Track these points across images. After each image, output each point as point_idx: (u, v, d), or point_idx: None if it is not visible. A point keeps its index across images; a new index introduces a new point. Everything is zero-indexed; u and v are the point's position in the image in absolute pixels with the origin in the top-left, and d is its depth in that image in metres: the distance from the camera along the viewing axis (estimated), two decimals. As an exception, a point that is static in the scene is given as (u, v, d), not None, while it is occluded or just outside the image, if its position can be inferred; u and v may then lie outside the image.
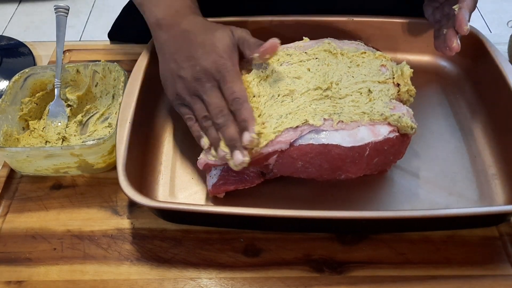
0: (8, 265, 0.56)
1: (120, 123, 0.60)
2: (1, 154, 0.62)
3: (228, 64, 0.58)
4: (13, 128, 0.66)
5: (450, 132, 0.68)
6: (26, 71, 0.69)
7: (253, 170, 0.60)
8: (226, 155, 0.55)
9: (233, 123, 0.56)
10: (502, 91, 0.66)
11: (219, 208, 0.56)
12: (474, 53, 0.73)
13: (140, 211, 0.61)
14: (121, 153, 0.57)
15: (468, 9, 0.62)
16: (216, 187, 0.60)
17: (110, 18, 0.93)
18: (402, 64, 0.62)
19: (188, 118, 0.60)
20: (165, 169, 0.64)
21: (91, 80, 0.72)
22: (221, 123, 0.56)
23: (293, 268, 0.55)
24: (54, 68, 0.70)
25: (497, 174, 0.63)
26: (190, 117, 0.60)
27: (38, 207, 0.62)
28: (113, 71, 0.70)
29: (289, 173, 0.59)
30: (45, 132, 0.69)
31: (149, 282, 0.55)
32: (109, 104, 0.72)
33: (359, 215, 0.54)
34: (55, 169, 0.63)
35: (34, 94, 0.70)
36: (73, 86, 0.73)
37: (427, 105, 0.72)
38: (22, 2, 2.39)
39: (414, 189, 0.62)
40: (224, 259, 0.56)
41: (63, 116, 0.71)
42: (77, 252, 0.57)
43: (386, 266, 0.56)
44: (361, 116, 0.56)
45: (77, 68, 0.72)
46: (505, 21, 0.86)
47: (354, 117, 0.56)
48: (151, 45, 0.71)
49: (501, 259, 0.56)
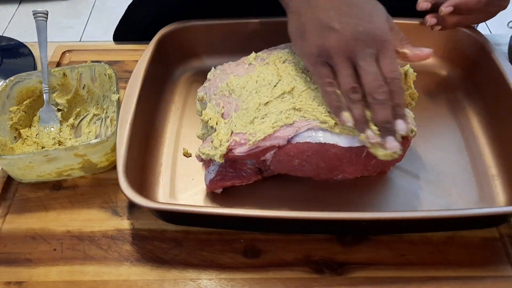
0: (8, 265, 0.56)
1: (120, 124, 0.60)
2: (1, 163, 0.62)
3: (390, 37, 0.52)
4: (6, 138, 0.65)
5: (450, 133, 0.68)
6: (11, 79, 0.68)
7: (250, 166, 0.60)
8: (377, 139, 0.50)
9: (390, 105, 0.50)
10: (503, 92, 0.66)
11: (219, 210, 0.56)
12: (474, 53, 0.73)
13: (140, 212, 0.61)
14: (121, 154, 0.57)
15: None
16: (213, 182, 0.60)
17: (110, 19, 0.93)
18: (406, 67, 0.62)
19: (328, 83, 0.52)
20: (165, 170, 0.64)
21: (78, 82, 0.71)
22: (380, 100, 0.49)
23: (293, 269, 0.55)
24: (40, 74, 0.69)
25: (497, 175, 0.63)
26: (331, 82, 0.52)
27: (38, 208, 0.62)
28: (101, 70, 0.70)
29: (286, 170, 0.59)
30: (39, 139, 0.68)
31: (149, 283, 0.55)
32: (101, 104, 0.71)
33: (359, 216, 0.54)
34: (58, 172, 0.63)
35: (22, 102, 0.69)
36: (60, 91, 0.72)
37: (427, 105, 0.72)
38: (22, 2, 2.39)
39: (414, 190, 0.62)
40: (224, 260, 0.56)
41: (55, 121, 0.70)
42: (77, 253, 0.57)
43: (386, 267, 0.55)
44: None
45: (63, 71, 0.71)
46: (505, 22, 0.86)
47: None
48: (152, 45, 0.71)
49: (501, 260, 0.56)
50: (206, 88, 0.65)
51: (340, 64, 0.51)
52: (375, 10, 0.53)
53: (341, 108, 0.52)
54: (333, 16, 0.52)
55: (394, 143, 0.50)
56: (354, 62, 0.51)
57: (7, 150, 0.65)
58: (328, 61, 0.52)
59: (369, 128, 0.51)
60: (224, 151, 0.56)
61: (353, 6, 0.52)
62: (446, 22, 0.70)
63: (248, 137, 0.56)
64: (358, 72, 0.51)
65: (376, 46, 0.51)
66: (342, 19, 0.51)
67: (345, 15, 0.51)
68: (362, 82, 0.51)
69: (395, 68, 0.51)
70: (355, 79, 0.51)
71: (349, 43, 0.51)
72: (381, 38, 0.51)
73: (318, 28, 0.52)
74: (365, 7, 0.53)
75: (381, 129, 0.50)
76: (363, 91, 0.51)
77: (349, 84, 0.51)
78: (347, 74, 0.51)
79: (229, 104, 0.60)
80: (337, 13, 0.52)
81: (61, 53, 0.81)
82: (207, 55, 0.78)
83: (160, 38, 0.73)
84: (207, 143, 0.59)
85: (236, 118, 0.58)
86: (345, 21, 0.51)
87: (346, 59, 0.51)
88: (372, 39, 0.51)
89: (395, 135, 0.50)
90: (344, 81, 0.51)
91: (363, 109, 0.51)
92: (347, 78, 0.51)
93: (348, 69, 0.51)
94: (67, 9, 2.36)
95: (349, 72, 0.51)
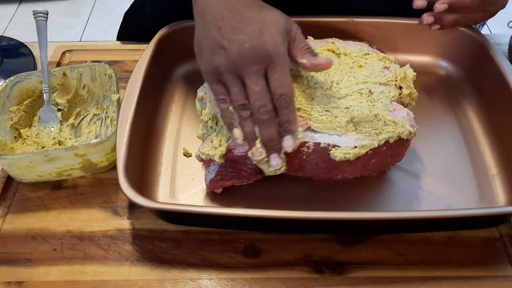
0: (8, 265, 0.56)
1: (121, 124, 0.60)
2: (1, 163, 0.62)
3: (282, 51, 0.51)
4: (6, 137, 0.66)
5: (450, 133, 0.68)
6: (11, 79, 0.68)
7: (250, 166, 0.60)
8: (262, 157, 0.52)
9: (275, 123, 0.51)
10: (503, 91, 0.66)
11: (219, 209, 0.56)
12: (474, 53, 0.73)
13: (140, 211, 0.61)
14: (122, 154, 0.57)
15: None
16: (213, 182, 0.60)
17: (110, 19, 0.93)
18: (406, 67, 0.62)
19: (222, 100, 0.53)
20: (166, 170, 0.64)
21: (78, 82, 0.71)
22: (263, 120, 0.50)
23: (293, 269, 0.55)
24: (40, 74, 0.69)
25: (497, 175, 0.63)
26: (224, 99, 0.53)
27: (38, 208, 0.62)
28: (101, 70, 0.70)
29: (286, 171, 0.59)
30: (40, 139, 0.68)
31: (149, 282, 0.55)
32: (101, 104, 0.71)
33: (360, 216, 0.54)
34: (58, 172, 0.63)
35: (22, 102, 0.69)
36: (60, 90, 0.72)
37: (428, 105, 0.72)
38: (23, 2, 2.39)
39: (414, 190, 0.62)
40: (224, 260, 0.56)
41: (55, 121, 0.70)
42: (77, 253, 0.57)
43: (386, 267, 0.55)
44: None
45: (63, 71, 0.71)
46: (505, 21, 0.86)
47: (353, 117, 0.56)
48: (152, 45, 0.71)
49: (502, 260, 0.56)
50: (206, 88, 0.65)
51: (230, 82, 0.52)
52: (268, 22, 0.52)
53: (233, 124, 0.53)
54: (223, 33, 0.51)
55: (277, 161, 0.51)
56: (242, 79, 0.51)
57: (7, 150, 0.65)
58: (220, 78, 0.52)
59: (254, 145, 0.52)
60: (224, 151, 0.56)
61: (243, 21, 0.51)
62: (443, 21, 0.70)
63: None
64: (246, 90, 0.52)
65: (263, 62, 0.50)
66: (230, 36, 0.51)
67: (234, 32, 0.51)
68: (249, 101, 0.51)
69: (283, 83, 0.50)
70: (245, 96, 0.51)
71: (235, 61, 0.51)
72: (269, 53, 0.50)
73: (209, 47, 0.52)
74: (257, 21, 0.52)
75: (265, 147, 0.51)
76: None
77: (238, 102, 0.51)
78: (236, 92, 0.51)
79: (229, 104, 0.60)
80: (227, 30, 0.51)
81: (61, 53, 0.81)
82: (207, 55, 0.78)
83: (160, 38, 0.73)
84: (207, 143, 0.59)
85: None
86: (232, 39, 0.51)
87: (235, 77, 0.51)
88: (258, 56, 0.50)
89: (279, 152, 0.51)
90: (234, 98, 0.52)
91: (252, 126, 0.52)
92: (236, 96, 0.51)
93: (237, 86, 0.51)
94: (67, 9, 2.36)
95: (238, 90, 0.51)
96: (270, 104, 0.51)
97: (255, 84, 0.50)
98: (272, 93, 0.51)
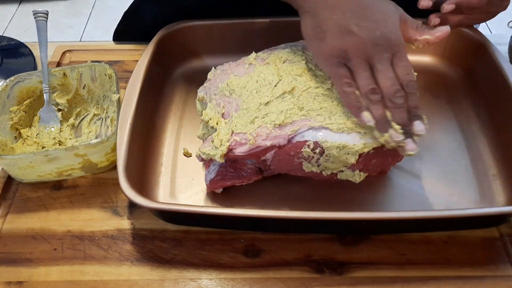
0: (9, 265, 0.56)
1: (121, 124, 0.60)
2: (1, 163, 0.62)
3: (403, 40, 0.54)
4: (6, 138, 0.66)
5: (450, 133, 0.68)
6: (12, 79, 0.68)
7: (251, 166, 0.60)
8: (400, 138, 0.52)
9: (406, 108, 0.52)
10: (503, 91, 0.66)
11: (220, 209, 0.56)
12: (474, 53, 0.73)
13: (141, 211, 0.61)
14: (122, 154, 0.57)
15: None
16: (213, 182, 0.60)
17: (110, 19, 0.93)
18: None
19: (347, 84, 0.53)
20: (166, 170, 0.64)
21: (79, 82, 0.71)
22: (399, 104, 0.51)
23: (294, 268, 0.55)
24: (40, 74, 0.69)
25: (497, 175, 0.63)
26: (350, 83, 0.53)
27: (39, 208, 0.62)
28: (102, 70, 0.70)
29: (286, 170, 0.59)
30: (40, 139, 0.68)
31: (150, 282, 0.55)
32: (101, 104, 0.71)
33: (360, 216, 0.54)
34: (58, 172, 0.63)
35: (22, 102, 0.69)
36: (61, 91, 0.72)
37: (428, 105, 0.72)
38: (23, 2, 2.39)
39: (414, 190, 0.62)
40: (224, 260, 0.56)
41: (55, 121, 0.70)
42: (78, 253, 0.57)
43: (386, 266, 0.55)
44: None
45: (63, 71, 0.71)
46: (505, 21, 0.86)
47: (353, 117, 0.56)
48: (152, 45, 0.71)
49: (502, 260, 0.56)
50: (206, 88, 0.65)
51: (359, 66, 0.52)
52: (389, 12, 0.54)
53: (361, 108, 0.53)
54: (350, 19, 0.52)
55: (412, 145, 0.52)
56: (372, 65, 0.52)
57: (7, 150, 0.65)
58: (346, 62, 0.53)
59: (391, 127, 0.52)
60: (224, 151, 0.56)
61: (368, 9, 0.53)
62: (448, 22, 0.70)
63: (248, 137, 0.56)
64: (375, 75, 0.53)
65: (391, 50, 0.52)
66: (360, 22, 0.52)
67: (361, 18, 0.52)
68: (380, 85, 0.52)
69: (409, 71, 0.52)
70: (374, 81, 0.52)
71: (368, 47, 0.52)
72: (395, 42, 0.52)
73: (336, 30, 0.53)
74: (380, 9, 0.54)
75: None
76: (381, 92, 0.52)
77: (369, 86, 0.52)
78: (366, 76, 0.52)
79: (230, 104, 0.60)
80: (354, 15, 0.53)
81: (61, 53, 0.81)
82: (207, 55, 0.79)
83: (160, 38, 0.73)
84: (207, 143, 0.59)
85: (236, 118, 0.58)
86: (363, 25, 0.52)
87: (364, 61, 0.52)
88: (388, 43, 0.52)
89: (412, 136, 0.52)
90: (363, 82, 0.52)
91: (384, 109, 0.52)
92: (367, 79, 0.52)
93: (367, 70, 0.52)
94: (67, 9, 2.36)
95: (368, 74, 0.52)
96: (402, 89, 0.52)
97: (389, 69, 0.52)
98: (400, 80, 0.52)
